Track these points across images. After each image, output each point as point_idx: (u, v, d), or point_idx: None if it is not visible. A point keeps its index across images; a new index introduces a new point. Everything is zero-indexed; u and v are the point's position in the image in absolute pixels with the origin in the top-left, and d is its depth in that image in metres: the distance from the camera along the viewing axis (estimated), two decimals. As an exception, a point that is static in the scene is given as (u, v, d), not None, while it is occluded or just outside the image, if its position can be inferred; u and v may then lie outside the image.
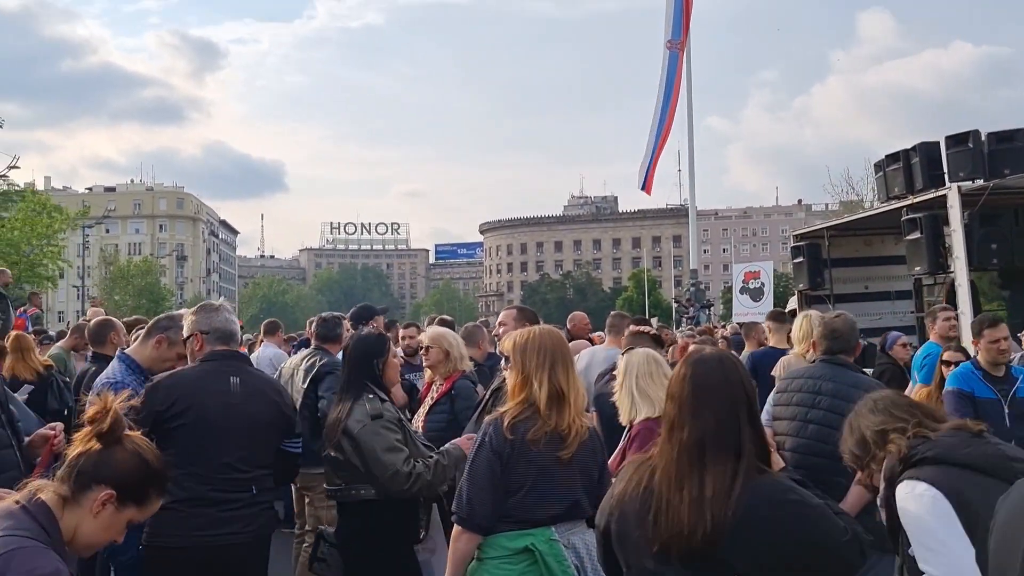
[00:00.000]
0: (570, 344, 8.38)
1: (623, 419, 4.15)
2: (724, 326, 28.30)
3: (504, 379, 4.68)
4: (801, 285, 13.51)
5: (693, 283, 43.46)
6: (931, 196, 10.53)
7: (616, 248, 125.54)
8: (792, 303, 15.54)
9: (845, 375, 4.36)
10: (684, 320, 39.06)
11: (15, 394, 4.76)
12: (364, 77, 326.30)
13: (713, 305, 43.71)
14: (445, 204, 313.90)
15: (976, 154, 10.21)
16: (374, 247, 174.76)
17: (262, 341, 9.57)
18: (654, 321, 42.51)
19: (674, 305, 50.40)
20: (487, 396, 4.59)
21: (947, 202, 10.19)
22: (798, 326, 8.01)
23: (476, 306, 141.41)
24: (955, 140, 10.46)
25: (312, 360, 5.79)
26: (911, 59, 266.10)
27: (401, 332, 7.61)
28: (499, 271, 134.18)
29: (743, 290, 23.68)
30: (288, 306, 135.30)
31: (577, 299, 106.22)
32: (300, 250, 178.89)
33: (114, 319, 6.32)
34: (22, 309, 14.20)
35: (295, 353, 9.46)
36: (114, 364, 4.37)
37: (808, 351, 8.09)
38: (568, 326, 10.05)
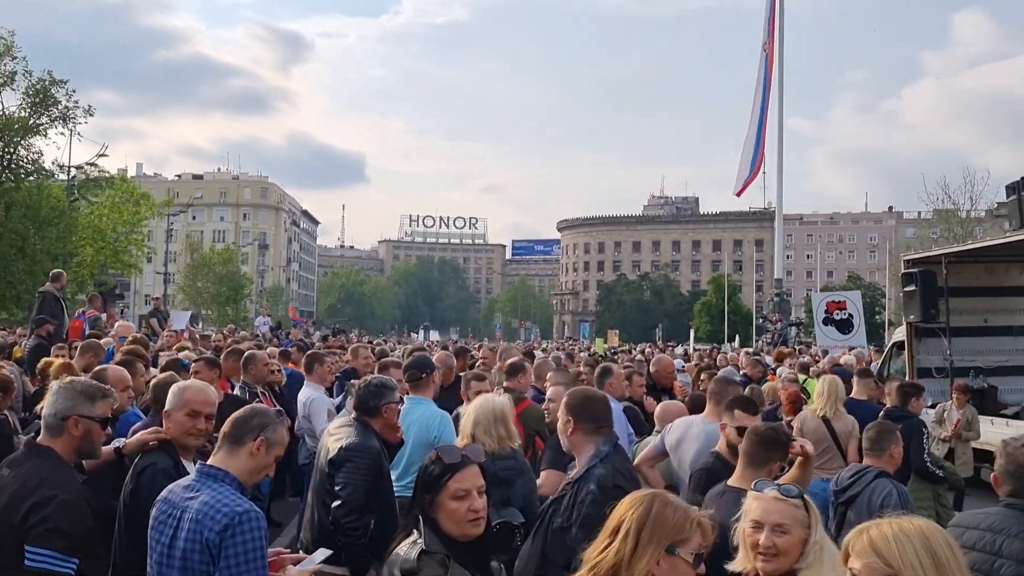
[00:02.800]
0: (655, 402, 7.50)
1: None
2: (809, 346, 26.94)
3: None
4: (912, 316, 12.26)
5: (777, 293, 41.88)
6: (1077, 227, 9.25)
7: (696, 250, 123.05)
8: (899, 335, 14.26)
9: None
10: (768, 335, 37.63)
11: None
12: (447, 72, 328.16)
13: (803, 323, 41.99)
14: (524, 200, 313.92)
15: None
16: (451, 241, 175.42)
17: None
18: (738, 347, 40.89)
19: (758, 321, 48.68)
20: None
21: (1098, 236, 8.91)
22: (821, 385, 7.60)
23: (551, 304, 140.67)
24: (1109, 165, 9.14)
25: (339, 435, 4.73)
26: (1010, 62, 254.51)
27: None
28: (575, 269, 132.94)
29: (827, 321, 22.47)
30: (366, 296, 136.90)
31: (654, 301, 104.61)
32: (379, 241, 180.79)
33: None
34: (81, 311, 13.87)
35: (337, 389, 8.68)
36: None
37: (825, 410, 7.33)
38: (652, 370, 9.14)
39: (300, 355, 10.42)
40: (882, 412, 7.66)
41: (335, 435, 4.78)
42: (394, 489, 5.01)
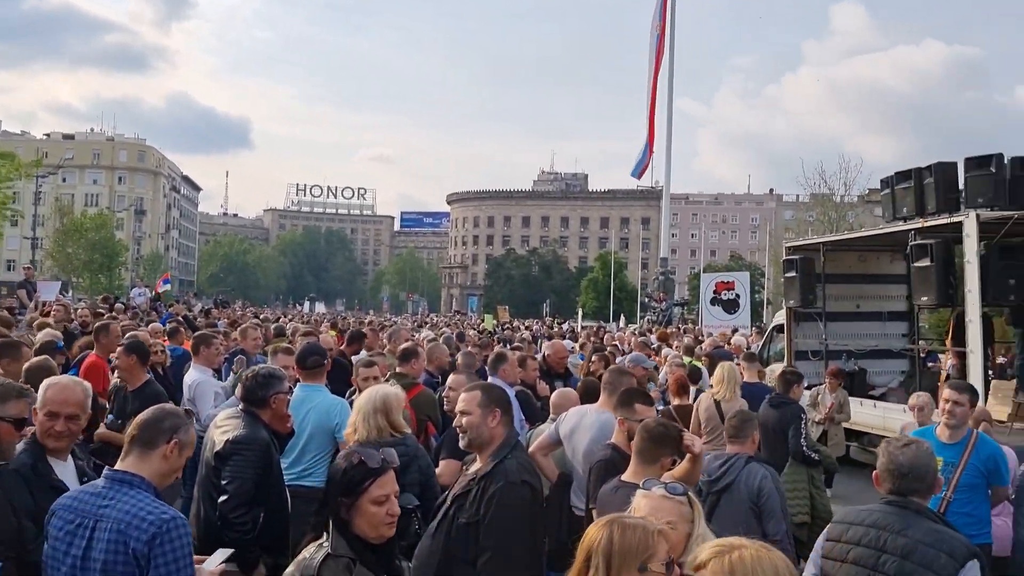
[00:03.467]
0: (548, 388, 7.52)
1: None
2: (694, 325, 27.70)
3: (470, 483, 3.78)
4: (792, 301, 12.73)
5: (662, 271, 42.92)
6: (945, 221, 9.76)
7: (584, 227, 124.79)
8: (779, 318, 14.81)
9: (920, 526, 3.32)
10: (651, 313, 38.53)
11: None
12: (338, 38, 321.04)
13: (687, 302, 43.17)
14: (413, 172, 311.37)
15: (998, 180, 9.47)
16: (339, 211, 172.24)
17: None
18: (623, 323, 41.68)
19: (643, 299, 49.81)
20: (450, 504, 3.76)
21: (963, 230, 9.42)
22: (720, 371, 8.05)
23: (440, 277, 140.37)
24: (975, 163, 9.70)
25: (226, 427, 4.55)
26: (883, 54, 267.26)
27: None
28: (464, 243, 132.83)
29: (715, 301, 23.12)
30: (250, 266, 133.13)
31: (542, 276, 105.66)
32: (264, 210, 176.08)
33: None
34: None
35: (225, 371, 8.28)
36: None
37: (724, 394, 7.80)
38: (546, 354, 9.17)
39: (188, 332, 9.98)
40: (767, 399, 8.00)
41: (221, 427, 4.59)
42: (285, 478, 4.88)
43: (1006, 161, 9.58)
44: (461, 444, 3.96)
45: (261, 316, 24.85)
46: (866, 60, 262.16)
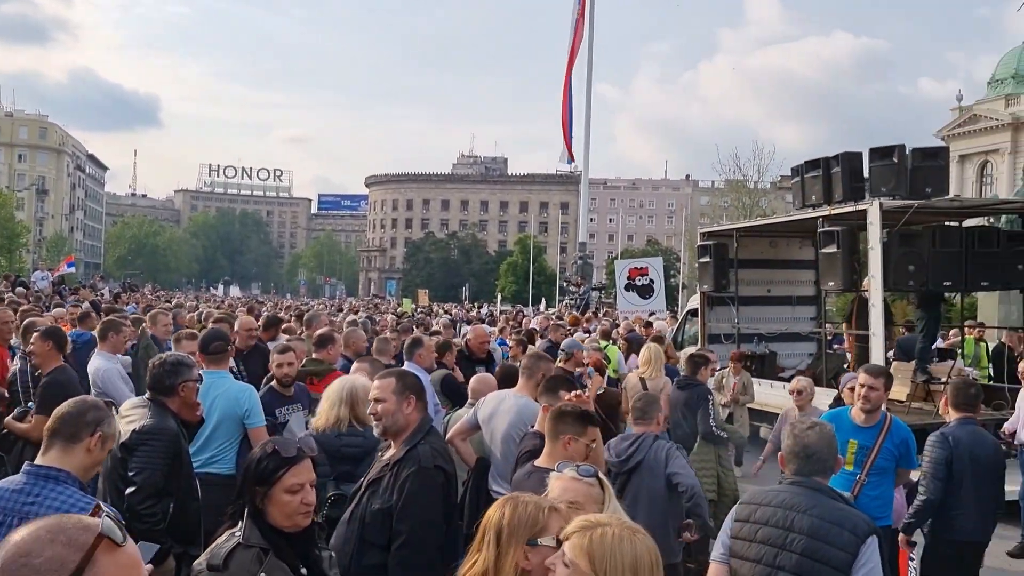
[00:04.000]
0: (469, 378, 7.53)
1: None
2: (606, 311, 28.06)
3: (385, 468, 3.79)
4: (706, 286, 13.01)
5: (581, 256, 43.28)
6: (851, 209, 10.09)
7: (503, 211, 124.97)
8: (693, 302, 15.12)
9: (824, 505, 3.44)
10: (569, 297, 38.87)
11: None
12: (252, 14, 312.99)
13: (605, 287, 43.63)
14: (331, 153, 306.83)
15: (900, 170, 9.82)
16: (254, 193, 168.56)
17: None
18: (544, 306, 41.90)
19: (562, 283, 50.19)
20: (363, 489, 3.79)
21: (867, 217, 9.77)
22: (646, 352, 8.84)
23: (358, 260, 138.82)
24: (879, 153, 10.04)
25: (132, 417, 4.44)
26: (795, 44, 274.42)
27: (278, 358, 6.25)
28: (383, 226, 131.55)
29: (629, 287, 23.37)
30: (160, 249, 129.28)
31: (461, 260, 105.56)
32: (175, 191, 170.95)
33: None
34: None
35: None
36: None
37: (649, 374, 8.41)
38: (467, 339, 9.19)
39: (97, 318, 9.62)
40: (674, 381, 8.34)
41: (127, 417, 4.46)
42: (193, 465, 4.79)
43: (908, 152, 9.94)
44: (376, 432, 3.94)
45: (174, 301, 24.19)
46: (779, 50, 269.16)
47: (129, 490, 4.22)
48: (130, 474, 4.25)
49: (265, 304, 29.44)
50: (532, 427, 4.85)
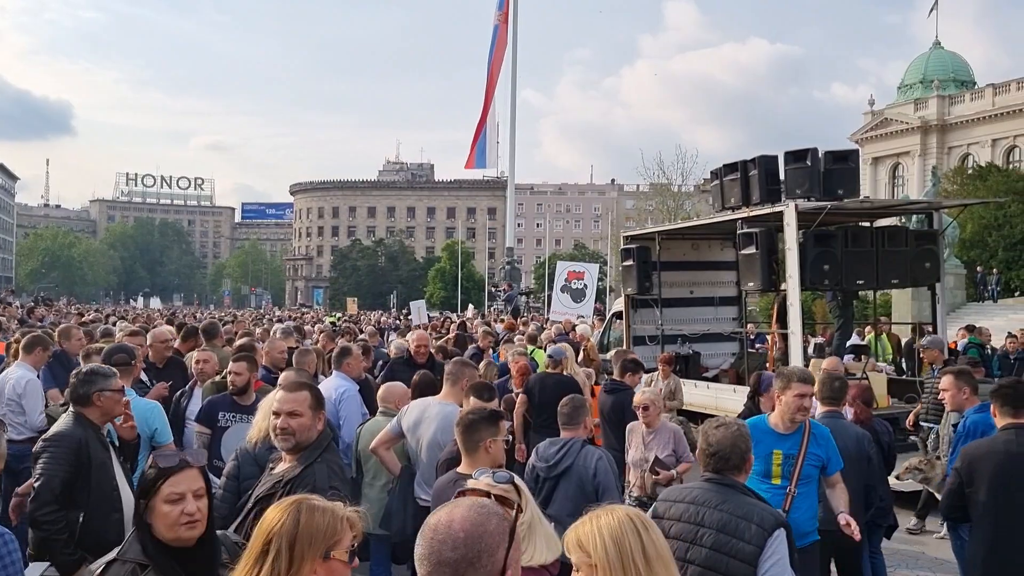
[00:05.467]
0: (393, 383, 7.48)
1: None
2: (539, 316, 28.21)
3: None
4: (630, 289, 13.17)
5: (508, 260, 43.42)
6: (768, 211, 10.35)
7: (431, 217, 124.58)
8: (617, 305, 15.29)
9: (734, 500, 3.52)
10: (497, 302, 38.94)
11: None
12: (168, 19, 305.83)
13: (532, 292, 43.84)
14: (254, 161, 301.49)
15: (813, 172, 10.10)
16: (175, 202, 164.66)
17: (15, 355, 7.51)
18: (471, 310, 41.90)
19: (490, 288, 50.26)
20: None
21: (784, 219, 10.02)
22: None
23: (284, 270, 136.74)
24: (794, 157, 10.32)
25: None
26: (713, 50, 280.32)
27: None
28: (309, 234, 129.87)
29: (564, 288, 23.68)
30: (75, 260, 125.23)
31: (389, 267, 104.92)
32: (91, 201, 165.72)
33: None
34: None
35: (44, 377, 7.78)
36: None
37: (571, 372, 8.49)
38: (412, 347, 9.16)
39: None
40: (602, 385, 8.33)
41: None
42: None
43: (820, 155, 10.25)
44: (284, 446, 3.78)
45: (86, 316, 23.36)
46: (698, 55, 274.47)
47: (30, 498, 4.15)
48: (33, 482, 4.19)
49: (187, 315, 28.75)
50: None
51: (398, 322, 28.32)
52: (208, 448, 5.51)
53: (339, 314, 36.52)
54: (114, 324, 15.19)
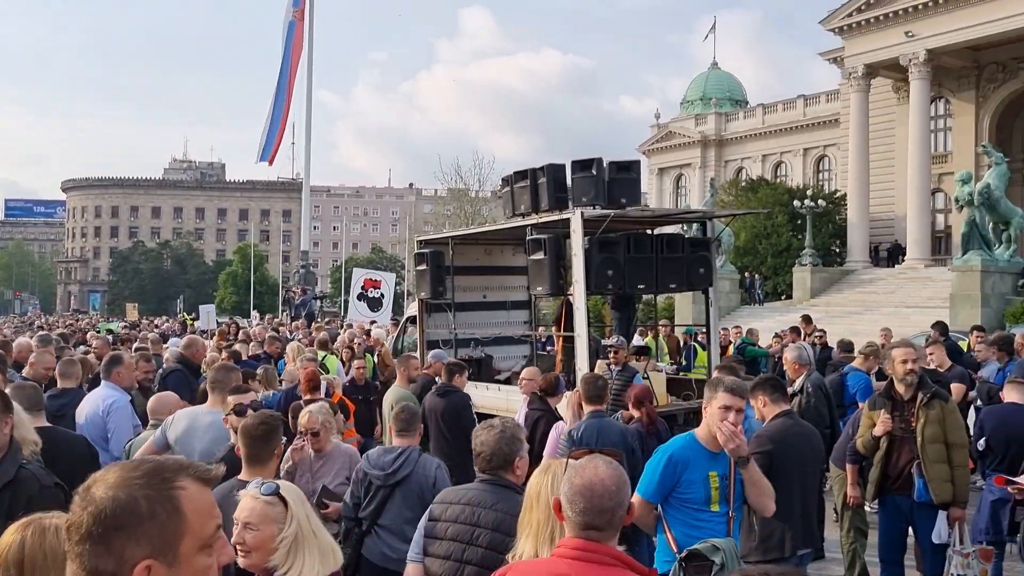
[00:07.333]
0: (164, 391, 7.06)
1: None
2: (329, 320, 27.68)
3: None
4: (423, 293, 13.13)
5: (303, 264, 42.38)
6: (556, 218, 10.62)
7: (222, 219, 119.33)
8: (412, 309, 15.23)
9: (508, 500, 3.57)
10: (291, 307, 37.88)
11: None
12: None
13: (326, 296, 42.97)
14: (17, 155, 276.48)
15: (598, 181, 10.48)
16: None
17: None
18: (256, 318, 40.52)
19: (284, 293, 48.86)
20: None
21: (571, 226, 10.33)
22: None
23: (55, 271, 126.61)
24: (580, 166, 10.66)
25: None
26: (509, 58, 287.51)
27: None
28: (84, 235, 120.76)
29: (361, 296, 23.57)
30: None
31: (176, 270, 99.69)
32: None
33: None
34: None
35: None
36: None
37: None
38: (183, 352, 8.67)
39: None
40: (433, 389, 8.52)
41: None
42: None
43: (605, 165, 10.66)
44: None
45: None
46: (494, 63, 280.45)
47: None
48: None
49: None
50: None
51: (187, 328, 26.92)
52: None
53: (118, 321, 34.16)
54: None
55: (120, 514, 1.46)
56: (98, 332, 20.48)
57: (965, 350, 13.32)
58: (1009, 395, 7.00)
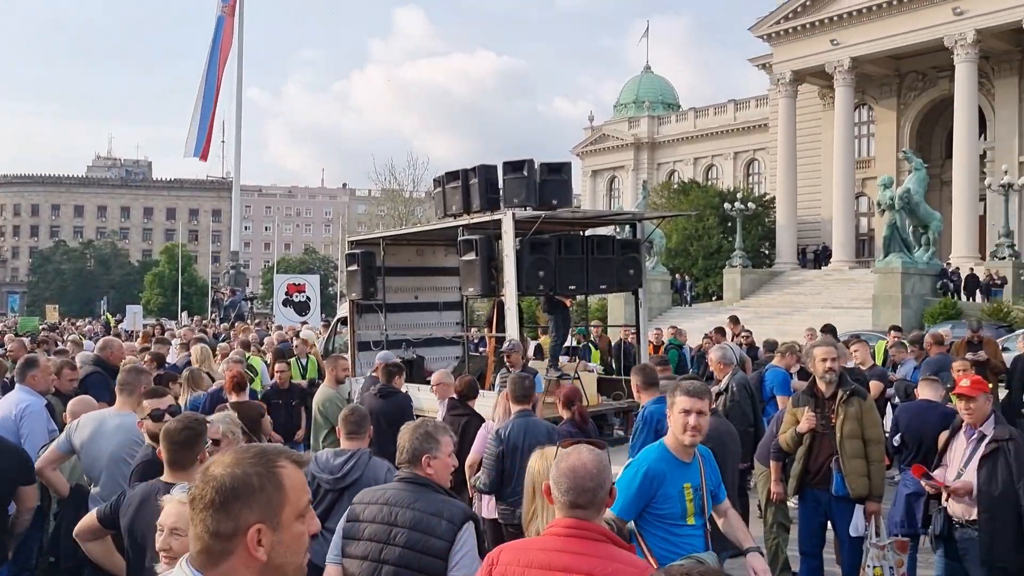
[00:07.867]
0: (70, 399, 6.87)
1: None
2: (259, 322, 27.24)
3: None
4: (354, 294, 13.01)
5: (233, 265, 41.64)
6: (487, 219, 10.64)
7: (148, 218, 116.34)
8: (342, 311, 15.07)
9: (425, 499, 3.62)
10: (222, 308, 37.15)
11: None
12: None
13: (256, 297, 42.33)
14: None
15: (529, 182, 10.53)
16: None
17: None
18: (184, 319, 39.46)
19: (214, 294, 47.92)
20: None
21: (502, 226, 10.34)
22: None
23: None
24: (511, 167, 10.70)
25: None
26: (443, 59, 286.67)
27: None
28: (3, 234, 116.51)
29: (287, 302, 23.45)
30: None
31: (99, 271, 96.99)
32: None
33: None
34: None
35: None
36: None
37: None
38: (99, 354, 8.43)
39: None
40: (373, 390, 8.50)
41: None
42: None
43: (536, 166, 10.70)
44: None
45: None
46: (428, 63, 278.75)
47: None
48: None
49: None
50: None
51: (110, 330, 26.19)
52: None
53: (38, 322, 33.08)
54: None
55: (237, 486, 1.82)
56: (16, 334, 19.80)
57: (882, 350, 13.76)
58: (923, 392, 7.26)
